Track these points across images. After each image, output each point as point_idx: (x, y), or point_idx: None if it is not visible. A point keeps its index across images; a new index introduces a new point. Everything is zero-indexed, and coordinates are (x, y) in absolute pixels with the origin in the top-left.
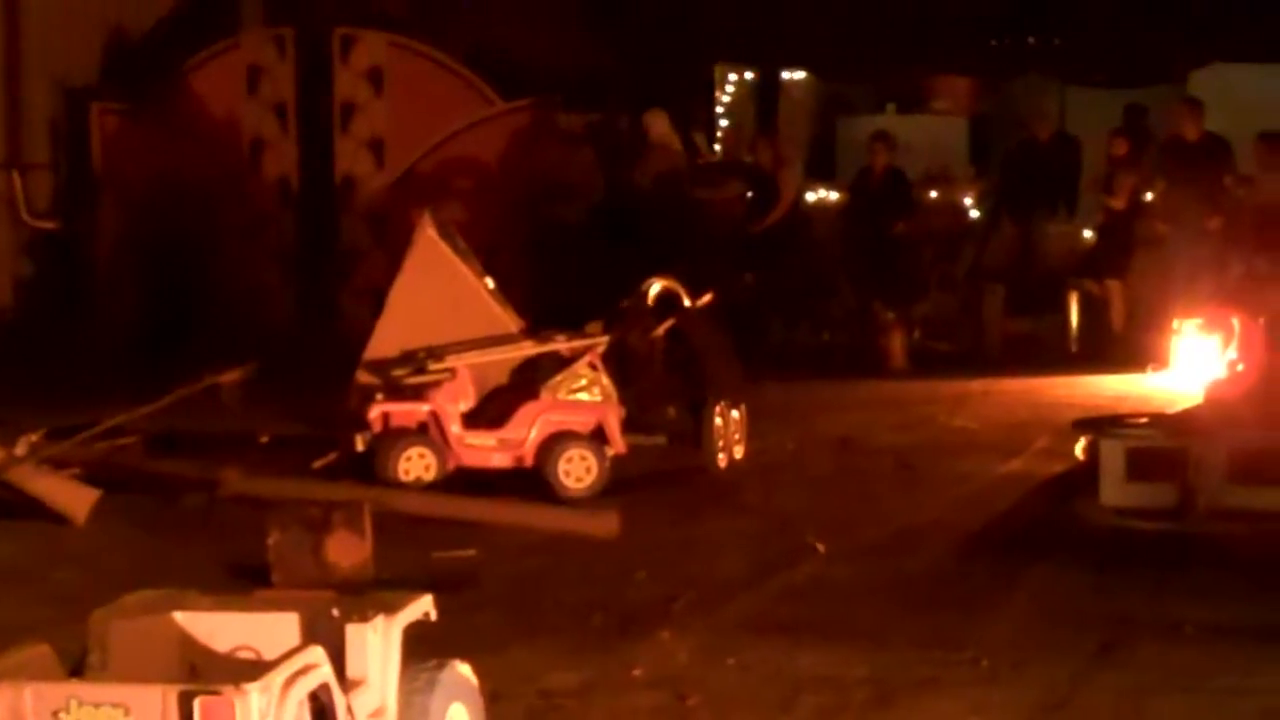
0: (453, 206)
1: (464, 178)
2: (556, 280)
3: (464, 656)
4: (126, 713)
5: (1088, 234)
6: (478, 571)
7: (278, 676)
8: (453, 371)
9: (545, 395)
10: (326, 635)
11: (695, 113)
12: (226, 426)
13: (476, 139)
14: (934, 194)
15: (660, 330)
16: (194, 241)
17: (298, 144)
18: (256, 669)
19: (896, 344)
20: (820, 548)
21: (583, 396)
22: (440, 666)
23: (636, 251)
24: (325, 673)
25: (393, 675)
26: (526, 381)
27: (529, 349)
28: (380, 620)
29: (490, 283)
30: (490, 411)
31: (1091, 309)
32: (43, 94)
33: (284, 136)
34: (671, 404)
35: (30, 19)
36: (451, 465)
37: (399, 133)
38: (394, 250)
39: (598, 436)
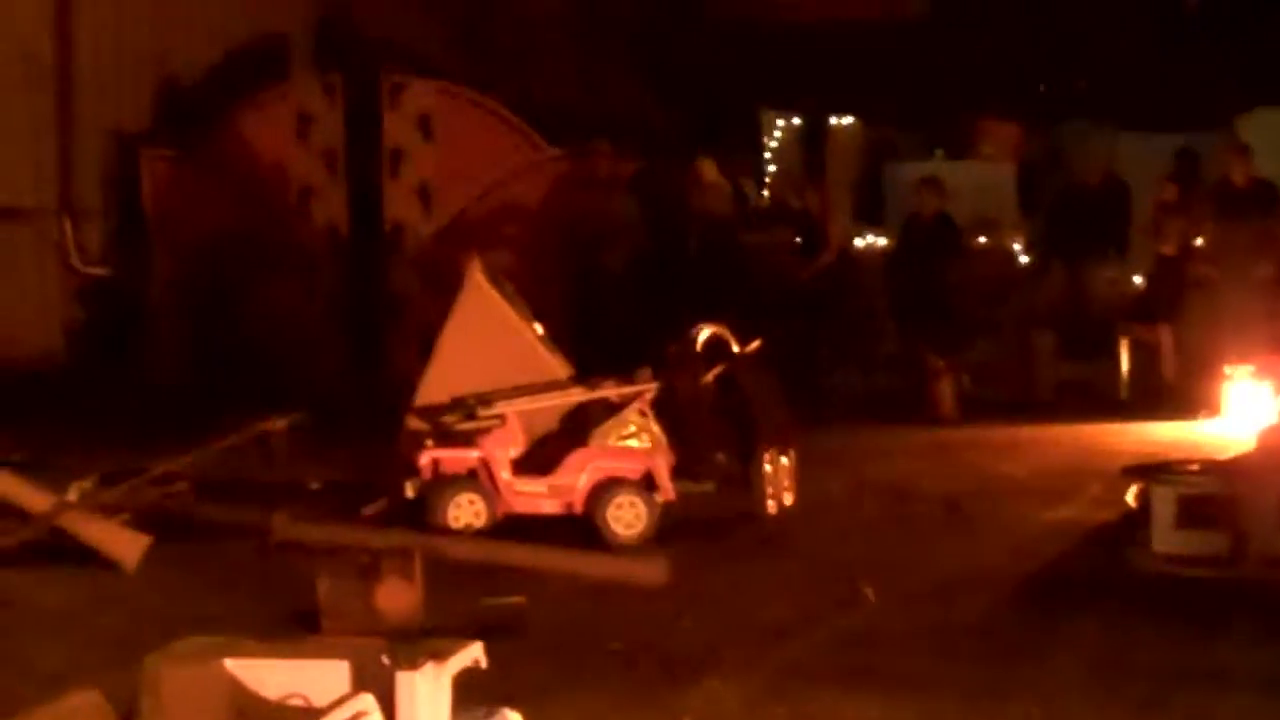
0: (501, 253)
1: (512, 224)
2: (604, 327)
3: (513, 704)
4: None
5: (1138, 279)
6: (526, 618)
7: None
8: (503, 418)
9: (595, 442)
10: (376, 682)
11: (742, 159)
12: (276, 473)
13: (525, 185)
14: (982, 239)
15: (710, 376)
16: (243, 287)
17: (347, 190)
18: (307, 716)
19: (946, 391)
20: (870, 595)
21: (632, 443)
22: (490, 714)
23: (683, 298)
24: None
25: None
26: (576, 428)
27: (578, 395)
28: (430, 667)
29: (539, 329)
30: (540, 458)
31: (1142, 355)
32: (94, 140)
33: (333, 183)
34: (721, 450)
35: (82, 66)
36: (501, 512)
37: (448, 179)
38: (443, 296)
39: (647, 483)
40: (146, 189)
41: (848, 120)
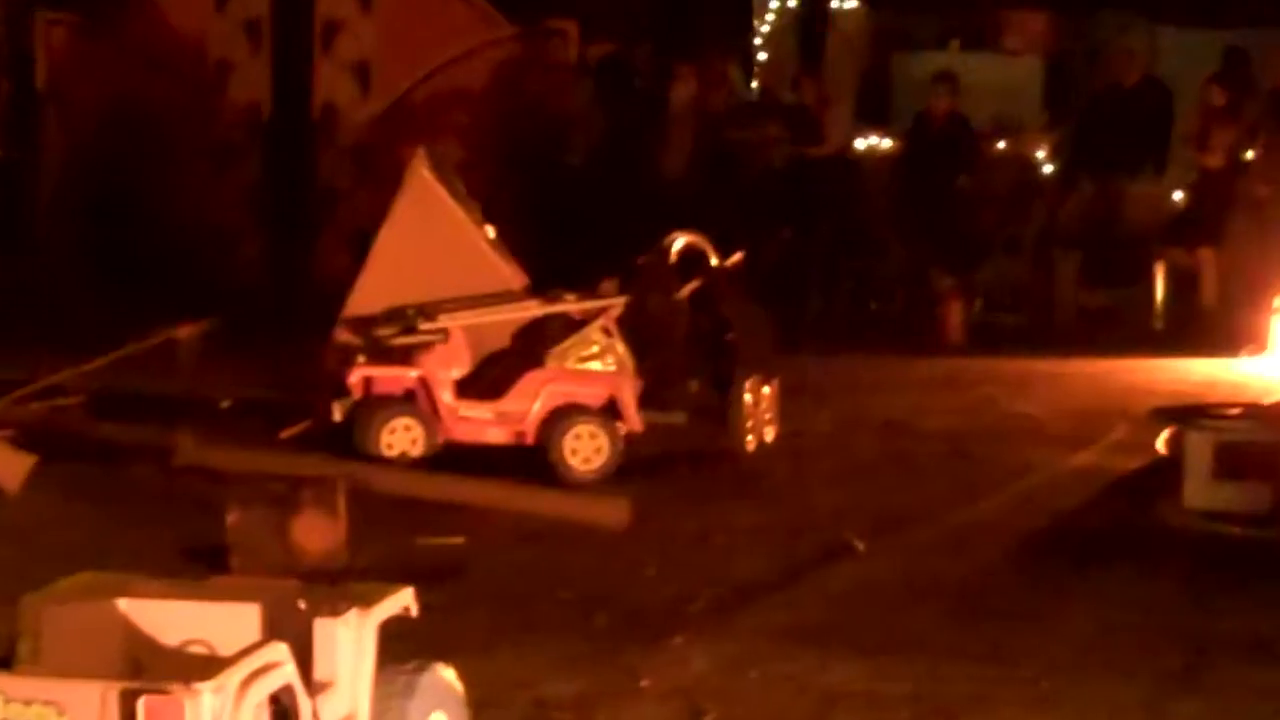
0: (448, 143)
1: (462, 110)
2: (564, 232)
3: (448, 658)
4: (60, 712)
5: (1178, 196)
6: (466, 562)
7: (234, 675)
8: (446, 333)
9: (551, 363)
10: (291, 630)
11: (729, 44)
12: (183, 388)
13: (477, 67)
14: (1001, 145)
15: (684, 292)
16: (150, 174)
17: (271, 66)
18: (210, 666)
19: (954, 315)
20: (859, 546)
21: (594, 365)
22: (420, 669)
23: (656, 202)
24: (289, 672)
25: (366, 678)
26: (530, 347)
27: (534, 309)
28: (353, 614)
29: (491, 232)
30: (487, 379)
31: (1179, 281)
32: None
33: (255, 57)
34: (695, 377)
35: None
36: (441, 439)
37: (388, 57)
38: (380, 191)
39: (610, 412)
40: (41, 58)
41: (851, 3)
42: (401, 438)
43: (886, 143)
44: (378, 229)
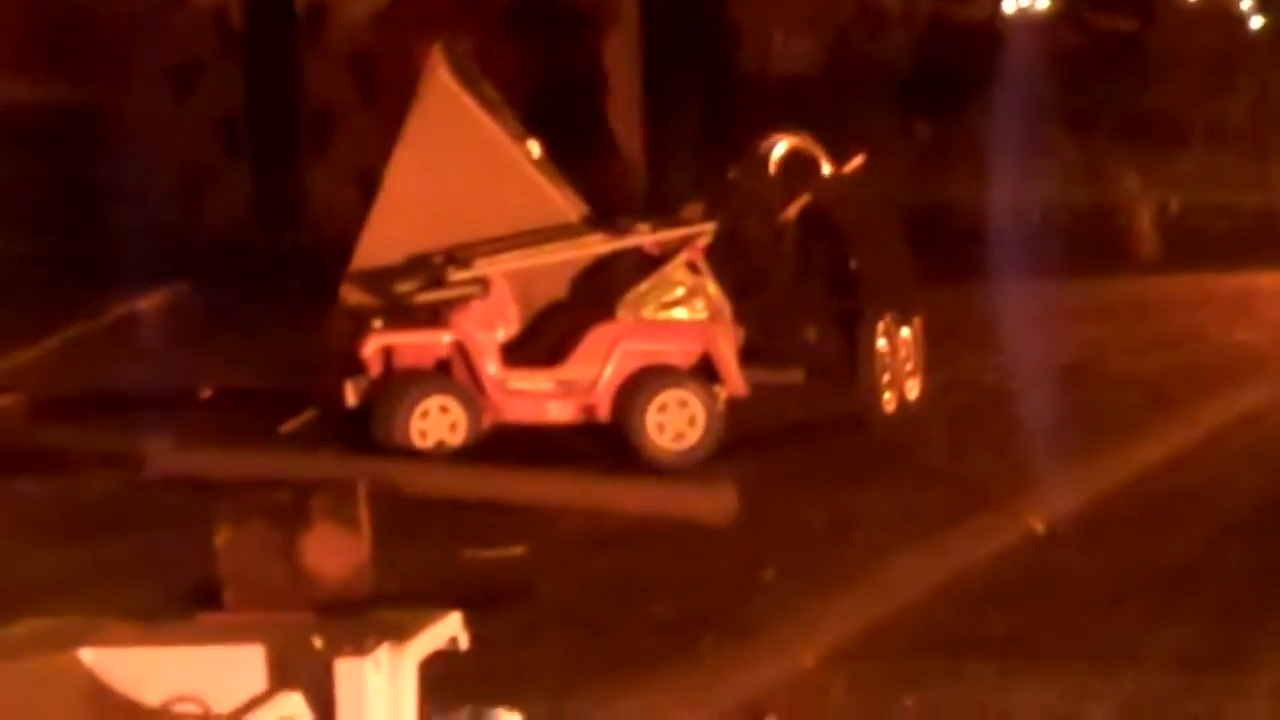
0: (474, 39)
1: None
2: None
3: (513, 702)
4: None
5: None
6: (530, 577)
7: None
8: (485, 283)
9: (624, 314)
10: (306, 676)
11: None
12: (149, 377)
13: None
14: None
15: (791, 211)
16: (93, 105)
17: None
18: None
19: (1143, 221)
20: (1039, 528)
21: (680, 314)
22: (477, 718)
23: (750, 94)
24: None
25: None
26: (596, 295)
27: (597, 245)
28: (385, 652)
29: (535, 149)
30: (543, 341)
31: None
32: None
33: None
34: (811, 321)
35: None
36: (488, 421)
37: None
38: (388, 107)
39: (703, 372)
40: None
41: None
42: (437, 423)
43: (1042, 1)
44: (388, 156)
